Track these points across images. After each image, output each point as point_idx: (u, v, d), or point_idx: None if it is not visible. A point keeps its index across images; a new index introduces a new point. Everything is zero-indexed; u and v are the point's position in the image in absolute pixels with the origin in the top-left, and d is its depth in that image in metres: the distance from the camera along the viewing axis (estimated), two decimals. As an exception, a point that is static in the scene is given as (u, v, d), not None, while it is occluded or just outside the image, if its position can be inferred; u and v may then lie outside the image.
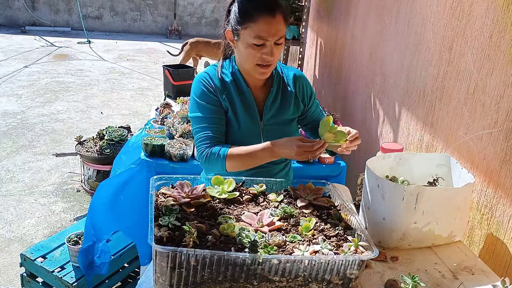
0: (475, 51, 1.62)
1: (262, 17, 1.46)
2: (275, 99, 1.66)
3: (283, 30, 1.50)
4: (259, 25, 1.46)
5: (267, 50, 1.49)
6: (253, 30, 1.47)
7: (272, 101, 1.66)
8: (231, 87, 1.62)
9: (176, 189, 1.33)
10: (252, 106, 1.64)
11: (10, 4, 9.97)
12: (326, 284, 1.12)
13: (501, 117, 1.46)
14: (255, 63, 1.52)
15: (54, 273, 2.18)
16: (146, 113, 5.27)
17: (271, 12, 1.46)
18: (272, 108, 1.66)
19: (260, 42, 1.48)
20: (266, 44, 1.48)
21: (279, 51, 1.53)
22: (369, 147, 2.69)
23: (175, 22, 10.37)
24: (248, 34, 1.48)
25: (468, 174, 1.46)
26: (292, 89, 1.68)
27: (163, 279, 1.08)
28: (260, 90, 1.67)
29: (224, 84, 1.62)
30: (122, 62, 7.73)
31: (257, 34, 1.47)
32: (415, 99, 2.09)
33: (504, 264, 1.43)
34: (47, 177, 3.70)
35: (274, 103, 1.66)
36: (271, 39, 1.47)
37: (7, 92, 5.73)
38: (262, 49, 1.49)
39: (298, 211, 1.32)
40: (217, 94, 1.60)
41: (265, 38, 1.47)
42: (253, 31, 1.47)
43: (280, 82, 1.68)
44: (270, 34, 1.47)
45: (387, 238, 1.41)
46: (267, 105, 1.65)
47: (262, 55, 1.50)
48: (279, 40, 1.50)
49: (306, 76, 1.75)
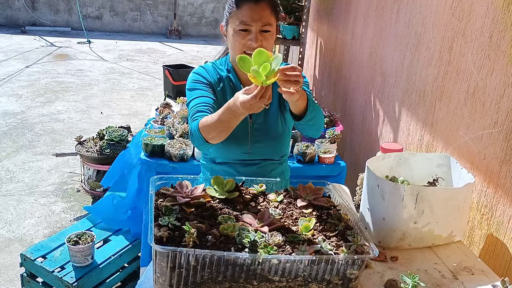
0: (475, 51, 1.62)
1: (246, 3, 1.52)
2: None
3: (268, 18, 1.53)
4: (242, 11, 1.52)
5: (252, 36, 1.52)
6: (237, 16, 1.53)
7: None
8: (226, 82, 1.66)
9: (176, 189, 1.33)
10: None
11: (10, 4, 9.97)
12: (326, 284, 1.12)
13: (501, 117, 1.46)
14: (242, 51, 1.54)
15: (54, 273, 2.18)
16: (146, 113, 5.27)
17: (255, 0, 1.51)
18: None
19: (244, 27, 1.52)
20: (250, 30, 1.52)
21: (268, 41, 1.55)
22: (369, 147, 2.69)
23: (175, 22, 10.37)
24: (233, 22, 1.54)
25: (468, 174, 1.45)
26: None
27: (163, 279, 1.08)
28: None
29: (220, 78, 1.66)
30: (122, 62, 7.73)
31: (240, 20, 1.52)
32: (415, 99, 2.09)
33: (504, 264, 1.43)
34: (47, 177, 3.70)
35: None
36: (254, 24, 1.51)
37: (7, 92, 5.73)
38: (247, 35, 1.52)
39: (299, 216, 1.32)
40: (211, 84, 1.63)
41: (248, 23, 1.51)
42: (237, 17, 1.53)
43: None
44: (253, 20, 1.51)
45: (387, 238, 1.41)
46: None
47: (248, 41, 1.52)
48: (265, 27, 1.52)
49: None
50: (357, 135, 2.92)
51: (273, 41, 1.60)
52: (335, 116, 2.79)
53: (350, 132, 3.04)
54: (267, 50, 1.52)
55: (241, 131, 1.62)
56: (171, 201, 1.27)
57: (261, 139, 1.66)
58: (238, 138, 1.65)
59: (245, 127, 1.65)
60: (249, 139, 1.66)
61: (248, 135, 1.65)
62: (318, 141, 2.51)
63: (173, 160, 2.25)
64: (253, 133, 1.66)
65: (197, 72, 1.65)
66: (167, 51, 8.90)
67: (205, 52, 9.02)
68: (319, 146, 2.47)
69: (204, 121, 1.45)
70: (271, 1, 1.55)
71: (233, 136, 1.59)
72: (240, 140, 1.65)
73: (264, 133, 1.67)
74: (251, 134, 1.65)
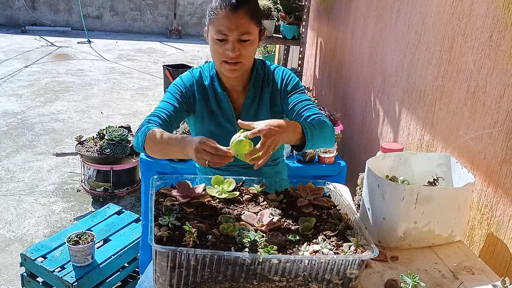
0: (475, 50, 1.61)
1: (223, 11, 1.46)
2: (252, 103, 1.63)
3: (246, 26, 1.47)
4: (219, 19, 1.46)
5: (229, 46, 1.47)
6: (214, 24, 1.48)
7: (249, 104, 1.63)
8: (209, 90, 1.62)
9: (176, 189, 1.33)
10: (229, 110, 1.62)
11: (10, 4, 9.97)
12: (326, 284, 1.12)
13: (501, 116, 1.46)
14: (221, 60, 1.51)
15: (54, 273, 2.18)
16: (146, 113, 5.24)
17: (233, 7, 1.45)
18: (250, 112, 1.63)
19: (220, 37, 1.47)
20: (228, 39, 1.47)
21: (248, 50, 1.50)
22: (369, 147, 2.69)
23: (175, 22, 10.37)
24: (212, 29, 1.50)
25: (468, 174, 1.45)
26: (269, 88, 1.64)
27: (163, 278, 1.07)
28: (240, 93, 1.64)
29: (203, 87, 1.62)
30: (122, 62, 7.73)
31: (217, 29, 1.47)
32: (415, 99, 2.09)
33: (504, 264, 1.43)
34: (47, 177, 3.70)
35: (251, 106, 1.63)
36: (230, 34, 1.46)
37: (7, 92, 5.73)
38: (225, 44, 1.48)
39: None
40: (187, 95, 1.60)
41: (225, 32, 1.46)
42: (215, 25, 1.48)
43: (260, 83, 1.64)
44: (229, 29, 1.45)
45: (387, 238, 1.41)
46: (244, 109, 1.62)
47: (225, 51, 1.48)
48: (243, 36, 1.47)
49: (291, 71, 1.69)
50: (357, 135, 2.92)
51: (254, 49, 1.53)
52: (335, 116, 2.79)
53: (350, 132, 3.04)
54: (247, 59, 1.52)
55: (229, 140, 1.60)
56: (171, 201, 1.27)
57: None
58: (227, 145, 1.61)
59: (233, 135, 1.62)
60: None
61: None
62: (318, 141, 2.51)
63: (173, 160, 2.25)
64: None
65: (180, 81, 1.63)
66: (167, 51, 8.90)
67: (205, 51, 9.01)
68: (319, 146, 2.47)
69: (154, 134, 1.42)
70: (250, 8, 1.48)
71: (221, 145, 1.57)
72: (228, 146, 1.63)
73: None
74: None
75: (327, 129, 1.50)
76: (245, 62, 1.52)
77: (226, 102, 1.62)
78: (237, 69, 1.52)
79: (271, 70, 1.66)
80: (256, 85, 1.63)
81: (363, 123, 2.81)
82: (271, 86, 1.64)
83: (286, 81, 1.63)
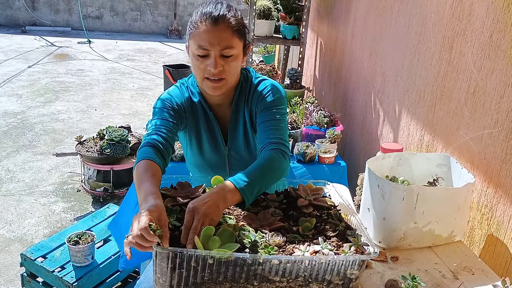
0: (475, 51, 1.62)
1: (204, 25, 1.39)
2: (236, 122, 1.57)
3: (229, 41, 1.39)
4: (200, 33, 1.39)
5: (211, 61, 1.39)
6: (195, 39, 1.40)
7: (234, 124, 1.57)
8: (198, 107, 1.55)
9: (176, 189, 1.33)
10: (215, 130, 1.57)
11: (10, 4, 9.96)
12: (327, 284, 1.12)
13: (501, 117, 1.46)
14: (203, 77, 1.43)
15: (54, 273, 2.18)
16: (146, 113, 5.27)
17: (213, 21, 1.38)
18: (236, 133, 1.58)
19: (201, 53, 1.40)
20: (209, 54, 1.39)
21: (231, 66, 1.42)
22: (369, 147, 2.69)
23: (175, 22, 10.36)
24: (192, 44, 1.42)
25: (468, 174, 1.45)
26: (248, 105, 1.55)
27: (163, 279, 1.08)
28: (225, 112, 1.58)
29: (192, 102, 1.55)
30: (122, 62, 7.73)
31: (198, 44, 1.39)
32: (415, 99, 2.09)
33: (505, 264, 1.43)
34: (47, 177, 3.70)
35: (236, 127, 1.57)
36: (211, 48, 1.38)
37: (8, 92, 5.73)
38: (206, 60, 1.40)
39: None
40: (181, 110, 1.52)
41: (206, 47, 1.38)
42: (196, 40, 1.40)
43: (244, 101, 1.55)
44: (210, 44, 1.38)
45: (387, 238, 1.41)
46: (230, 129, 1.58)
47: (207, 67, 1.40)
48: (225, 51, 1.39)
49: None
50: (357, 135, 2.92)
51: (238, 65, 1.45)
52: (335, 116, 2.79)
53: (350, 132, 3.04)
54: (230, 76, 1.42)
55: (218, 160, 1.59)
56: (171, 202, 1.27)
57: (239, 167, 1.52)
58: (216, 166, 1.61)
59: (222, 156, 1.61)
60: (226, 166, 1.64)
61: (225, 165, 1.63)
62: (318, 141, 2.51)
63: (173, 160, 2.25)
64: (230, 161, 1.64)
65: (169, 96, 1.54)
66: (167, 51, 8.89)
67: (205, 52, 9.00)
68: (319, 146, 2.47)
69: (138, 168, 1.30)
70: (233, 21, 1.40)
71: (210, 165, 1.56)
72: (217, 168, 1.61)
73: (241, 161, 1.60)
74: (228, 162, 1.64)
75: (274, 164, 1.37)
76: (228, 79, 1.45)
77: (211, 123, 1.57)
78: (220, 87, 1.45)
79: (254, 84, 1.57)
80: (239, 104, 1.57)
81: (363, 123, 2.81)
82: (250, 103, 1.56)
83: (262, 97, 1.53)
